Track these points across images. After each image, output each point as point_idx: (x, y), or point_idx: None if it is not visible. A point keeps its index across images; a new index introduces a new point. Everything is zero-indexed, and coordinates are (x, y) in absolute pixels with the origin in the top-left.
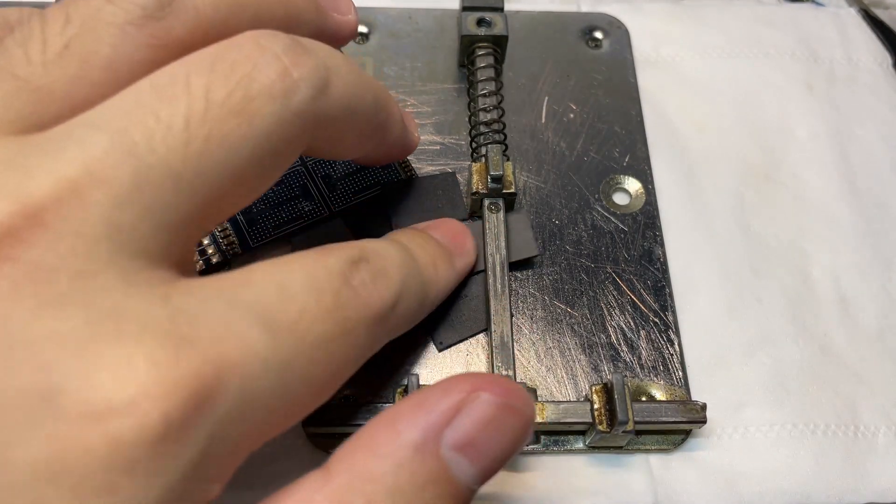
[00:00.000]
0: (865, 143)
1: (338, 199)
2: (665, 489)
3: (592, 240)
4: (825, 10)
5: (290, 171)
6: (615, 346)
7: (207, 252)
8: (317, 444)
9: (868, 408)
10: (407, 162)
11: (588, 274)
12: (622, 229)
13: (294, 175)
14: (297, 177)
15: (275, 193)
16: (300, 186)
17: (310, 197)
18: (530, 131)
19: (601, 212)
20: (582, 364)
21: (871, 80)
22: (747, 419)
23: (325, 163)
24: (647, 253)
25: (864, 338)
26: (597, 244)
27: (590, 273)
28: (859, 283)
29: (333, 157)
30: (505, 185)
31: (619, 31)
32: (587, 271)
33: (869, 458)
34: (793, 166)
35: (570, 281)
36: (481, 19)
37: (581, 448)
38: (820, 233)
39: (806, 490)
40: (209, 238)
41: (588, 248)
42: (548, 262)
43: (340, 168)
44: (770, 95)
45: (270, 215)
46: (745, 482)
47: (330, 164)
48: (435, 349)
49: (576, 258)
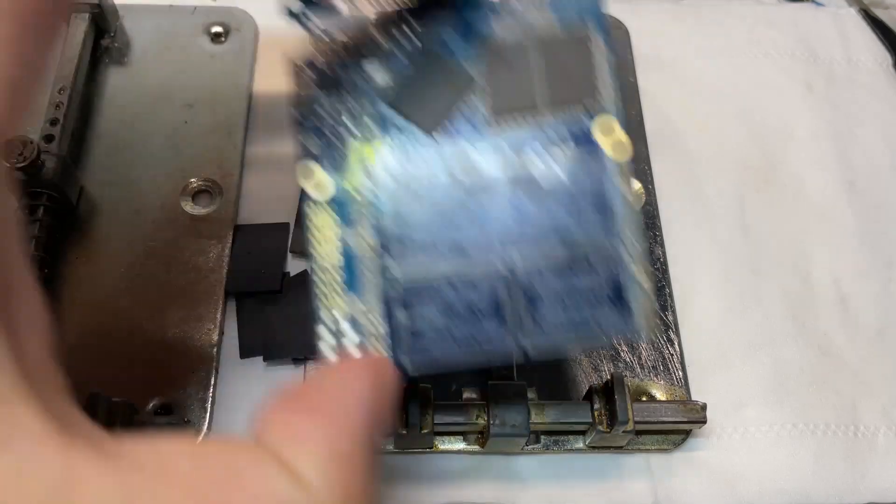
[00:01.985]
0: (865, 142)
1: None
2: (665, 489)
3: None
4: (825, 10)
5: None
6: (615, 346)
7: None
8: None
9: (868, 408)
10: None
11: None
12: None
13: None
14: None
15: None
16: (490, 295)
17: (500, 318)
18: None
19: None
20: (582, 364)
21: (870, 80)
22: (747, 419)
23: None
24: (647, 253)
25: (864, 338)
26: None
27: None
28: (859, 283)
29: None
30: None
31: (620, 31)
32: None
33: (869, 458)
34: (793, 166)
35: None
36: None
37: (581, 448)
38: (820, 233)
39: (806, 490)
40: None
41: None
42: None
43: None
44: (770, 95)
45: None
46: (745, 482)
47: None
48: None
49: None
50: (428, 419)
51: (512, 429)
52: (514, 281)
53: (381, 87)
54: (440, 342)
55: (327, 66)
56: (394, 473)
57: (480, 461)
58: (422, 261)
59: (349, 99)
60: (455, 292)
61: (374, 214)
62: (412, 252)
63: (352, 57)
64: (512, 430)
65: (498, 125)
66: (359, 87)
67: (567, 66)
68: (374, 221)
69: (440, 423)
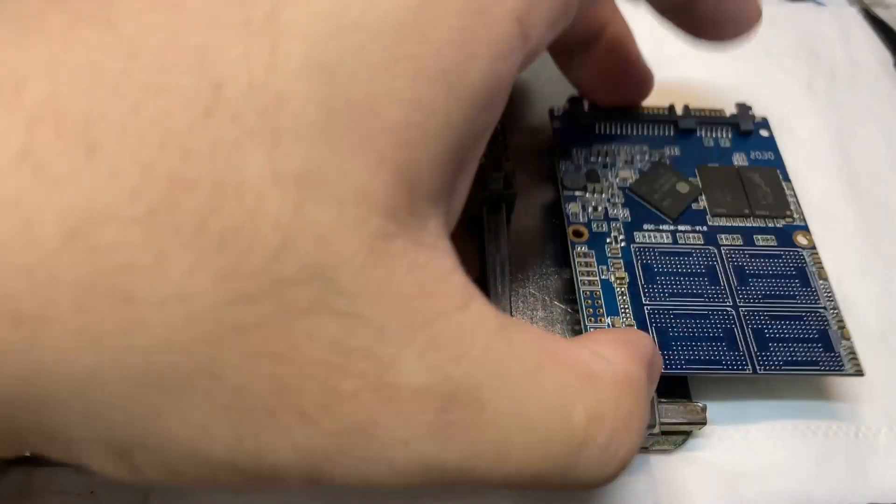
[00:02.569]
0: (866, 142)
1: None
2: (665, 489)
3: None
4: (826, 10)
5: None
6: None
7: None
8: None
9: (869, 408)
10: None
11: None
12: None
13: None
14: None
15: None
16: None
17: (716, 281)
18: (530, 131)
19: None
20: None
21: (871, 79)
22: (748, 419)
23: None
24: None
25: (864, 338)
26: None
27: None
28: (860, 283)
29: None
30: (504, 185)
31: None
32: None
33: (870, 458)
34: (793, 166)
35: (570, 281)
36: None
37: None
38: (820, 233)
39: (807, 490)
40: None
41: None
42: (548, 263)
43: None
44: (770, 95)
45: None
46: (745, 482)
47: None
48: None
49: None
50: None
51: None
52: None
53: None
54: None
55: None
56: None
57: None
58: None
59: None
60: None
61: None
62: (657, 289)
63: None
64: None
65: (715, 218)
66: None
67: (761, 187)
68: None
69: None
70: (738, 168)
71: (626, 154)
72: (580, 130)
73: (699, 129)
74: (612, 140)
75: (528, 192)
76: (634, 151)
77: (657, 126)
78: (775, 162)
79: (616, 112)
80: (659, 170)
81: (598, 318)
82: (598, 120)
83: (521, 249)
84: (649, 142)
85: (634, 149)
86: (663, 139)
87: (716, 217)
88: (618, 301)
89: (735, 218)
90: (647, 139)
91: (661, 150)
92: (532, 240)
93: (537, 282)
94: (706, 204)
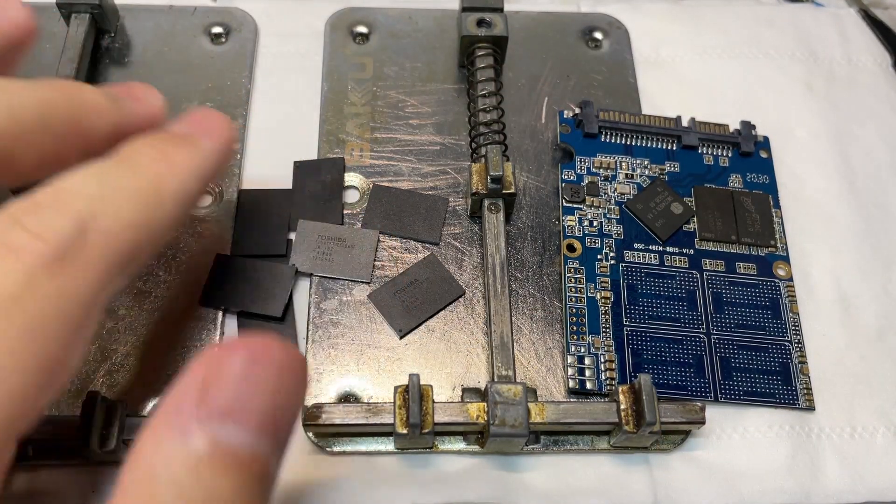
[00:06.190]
0: (865, 143)
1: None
2: (665, 489)
3: None
4: (825, 11)
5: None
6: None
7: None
8: (316, 443)
9: (867, 408)
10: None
11: None
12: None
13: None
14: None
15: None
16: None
17: (694, 307)
18: (530, 131)
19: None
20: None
21: (870, 80)
22: (746, 419)
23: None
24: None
25: (863, 338)
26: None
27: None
28: (859, 283)
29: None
30: (505, 185)
31: (619, 31)
32: None
33: (867, 457)
34: (792, 166)
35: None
36: (481, 20)
37: (581, 448)
38: (820, 233)
39: (805, 489)
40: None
41: None
42: (547, 263)
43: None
44: (770, 95)
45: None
46: (744, 482)
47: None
48: (435, 350)
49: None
50: (428, 419)
51: (511, 429)
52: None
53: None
54: (657, 375)
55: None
56: (394, 473)
57: (480, 461)
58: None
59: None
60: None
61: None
62: (639, 311)
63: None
64: (511, 430)
65: (703, 241)
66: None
67: (752, 213)
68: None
69: (440, 423)
70: (733, 191)
71: (628, 167)
72: (586, 137)
73: (701, 146)
74: (616, 151)
75: (528, 193)
76: (636, 165)
77: (661, 139)
78: (769, 187)
79: (624, 123)
80: (657, 187)
81: (581, 335)
82: (606, 129)
83: (521, 249)
84: (651, 155)
85: (636, 162)
86: (665, 154)
87: (703, 241)
88: (600, 321)
89: (721, 243)
90: (650, 152)
91: (662, 164)
92: (532, 240)
93: (537, 282)
94: (696, 227)
